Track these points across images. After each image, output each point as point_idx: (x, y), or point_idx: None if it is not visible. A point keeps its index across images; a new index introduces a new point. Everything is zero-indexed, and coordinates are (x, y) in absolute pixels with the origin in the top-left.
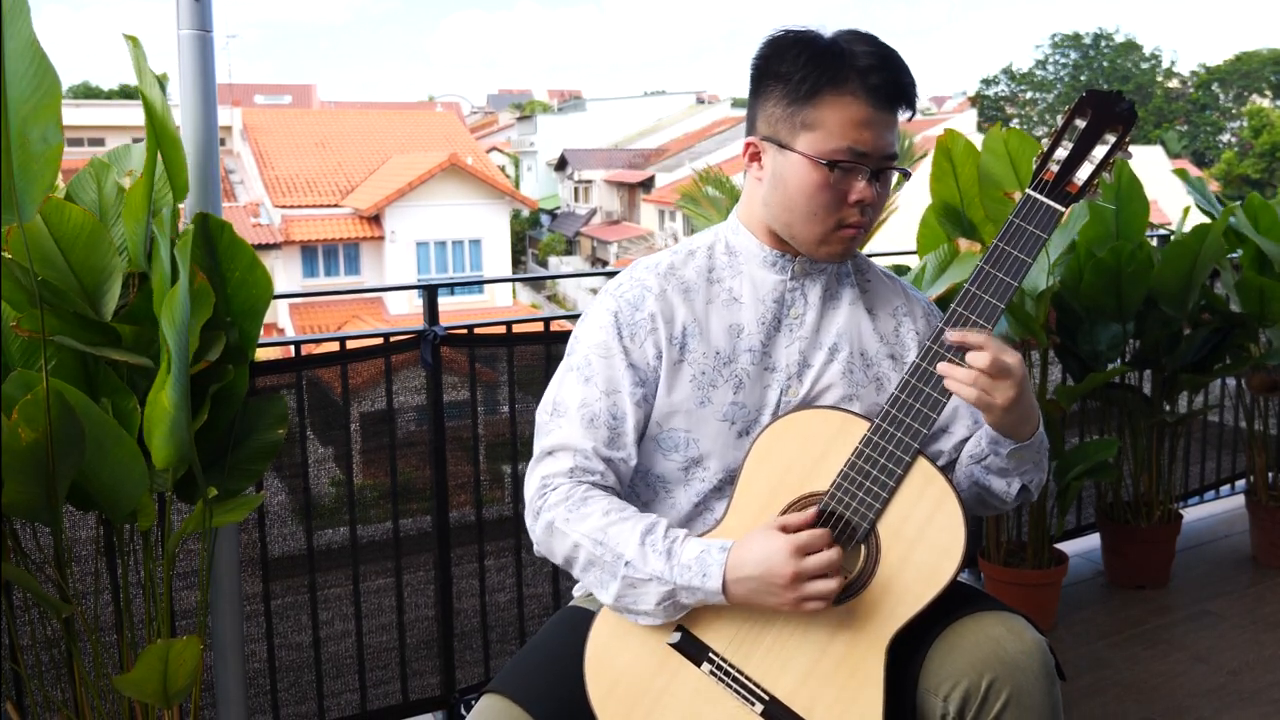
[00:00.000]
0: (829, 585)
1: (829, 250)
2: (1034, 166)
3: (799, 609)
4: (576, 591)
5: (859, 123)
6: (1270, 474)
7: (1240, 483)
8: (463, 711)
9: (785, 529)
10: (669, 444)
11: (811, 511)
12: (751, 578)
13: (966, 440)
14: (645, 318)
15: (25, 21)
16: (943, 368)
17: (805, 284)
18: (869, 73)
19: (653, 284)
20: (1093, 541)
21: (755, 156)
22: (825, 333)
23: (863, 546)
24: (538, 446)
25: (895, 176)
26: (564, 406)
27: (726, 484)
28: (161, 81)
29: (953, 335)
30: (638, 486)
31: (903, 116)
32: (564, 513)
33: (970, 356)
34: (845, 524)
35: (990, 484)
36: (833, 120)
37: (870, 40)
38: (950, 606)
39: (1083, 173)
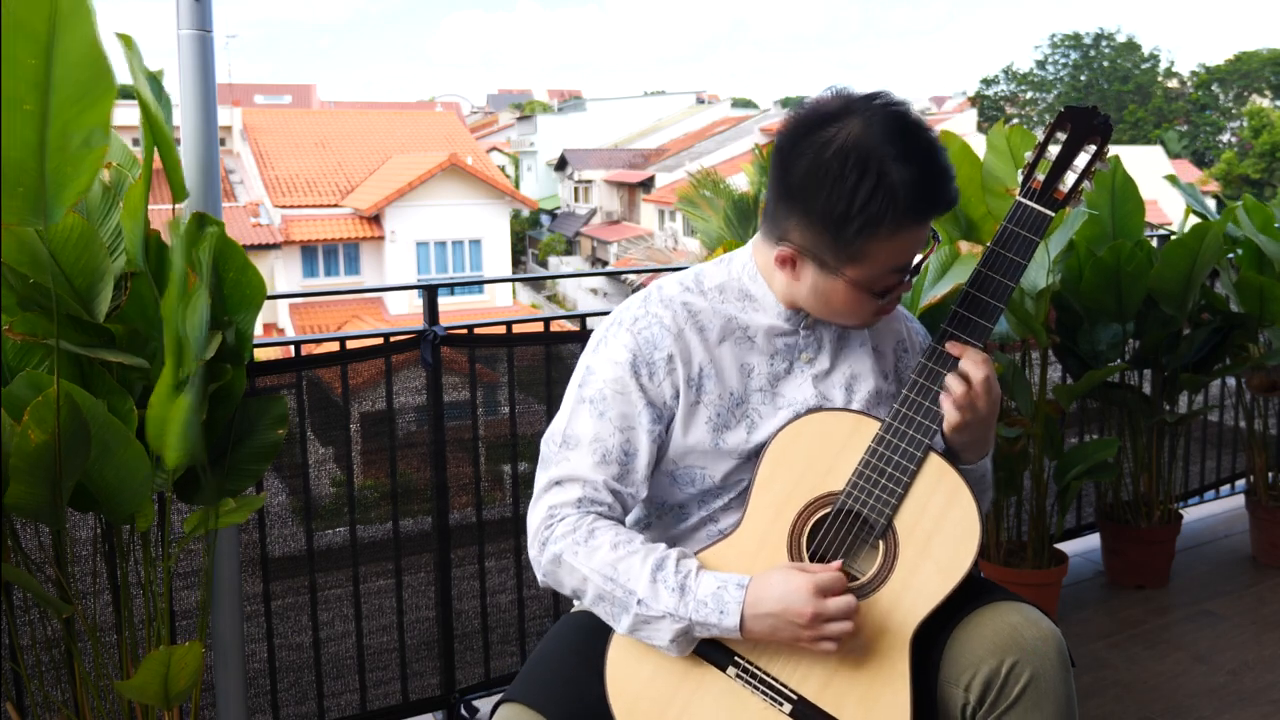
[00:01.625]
0: (845, 627)
1: (860, 325)
2: (1020, 176)
3: (813, 647)
4: (577, 602)
5: (906, 248)
6: (1270, 474)
7: (1240, 483)
8: (463, 712)
9: (805, 571)
10: (685, 479)
11: (836, 564)
12: (771, 614)
13: None
14: (663, 358)
15: (86, 24)
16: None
17: (818, 328)
18: (922, 210)
19: (670, 322)
20: (1093, 541)
21: (789, 262)
22: (839, 372)
23: (880, 543)
24: (544, 477)
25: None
26: (575, 439)
27: (736, 502)
28: (157, 78)
29: (954, 349)
30: (650, 511)
31: None
32: (571, 545)
33: (966, 366)
34: (862, 521)
35: None
36: (881, 254)
37: (919, 152)
38: (965, 599)
39: (1067, 181)
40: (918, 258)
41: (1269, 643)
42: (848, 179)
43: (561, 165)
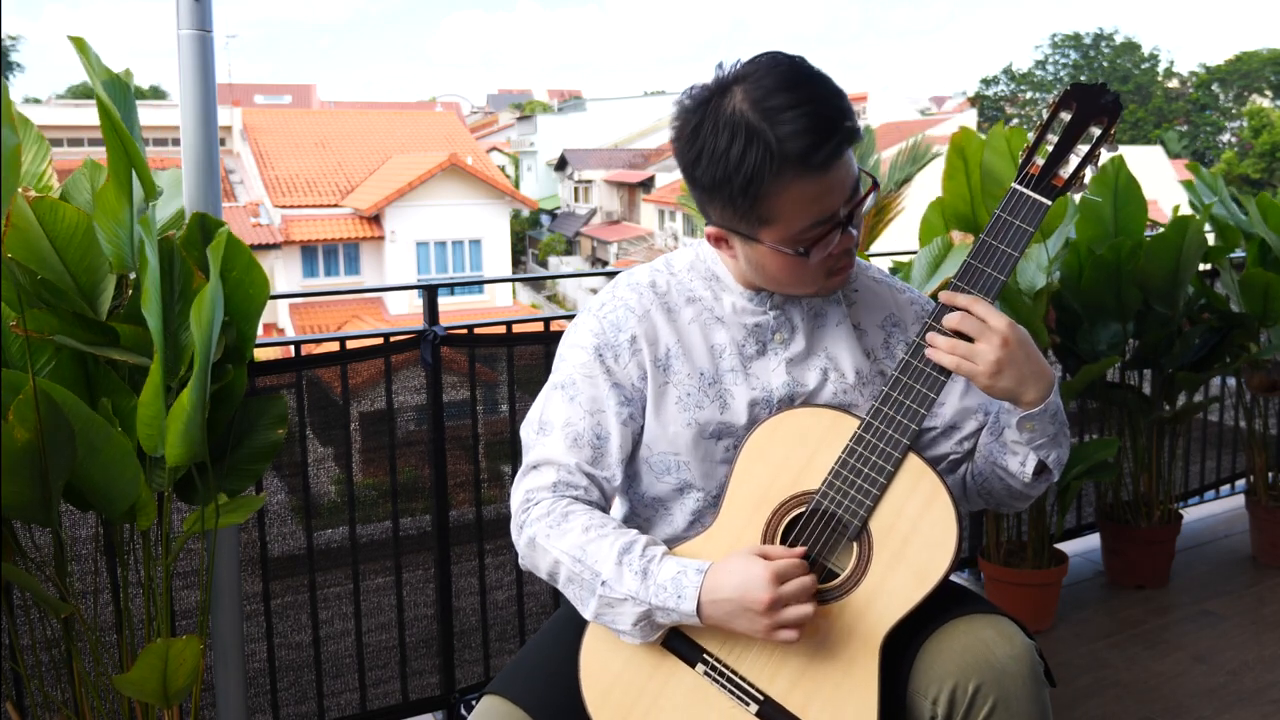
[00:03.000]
0: (804, 610)
1: (826, 290)
2: (1019, 161)
3: (771, 637)
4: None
5: (814, 196)
6: (1270, 474)
7: (1240, 483)
8: (463, 711)
9: (766, 556)
10: (660, 467)
11: (798, 550)
12: (729, 600)
13: (975, 435)
14: (627, 340)
15: None
16: (930, 336)
17: (787, 308)
18: (803, 149)
19: (635, 304)
20: (1093, 541)
21: (721, 240)
22: (814, 355)
23: (855, 544)
24: (524, 461)
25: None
26: (549, 425)
27: (720, 499)
28: (125, 79)
29: (944, 295)
30: (637, 507)
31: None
32: (545, 528)
33: (946, 319)
34: (837, 521)
35: (1006, 462)
36: (787, 208)
37: (786, 86)
38: (941, 607)
39: (1069, 166)
40: (852, 205)
41: (1269, 643)
42: (720, 144)
43: (561, 165)
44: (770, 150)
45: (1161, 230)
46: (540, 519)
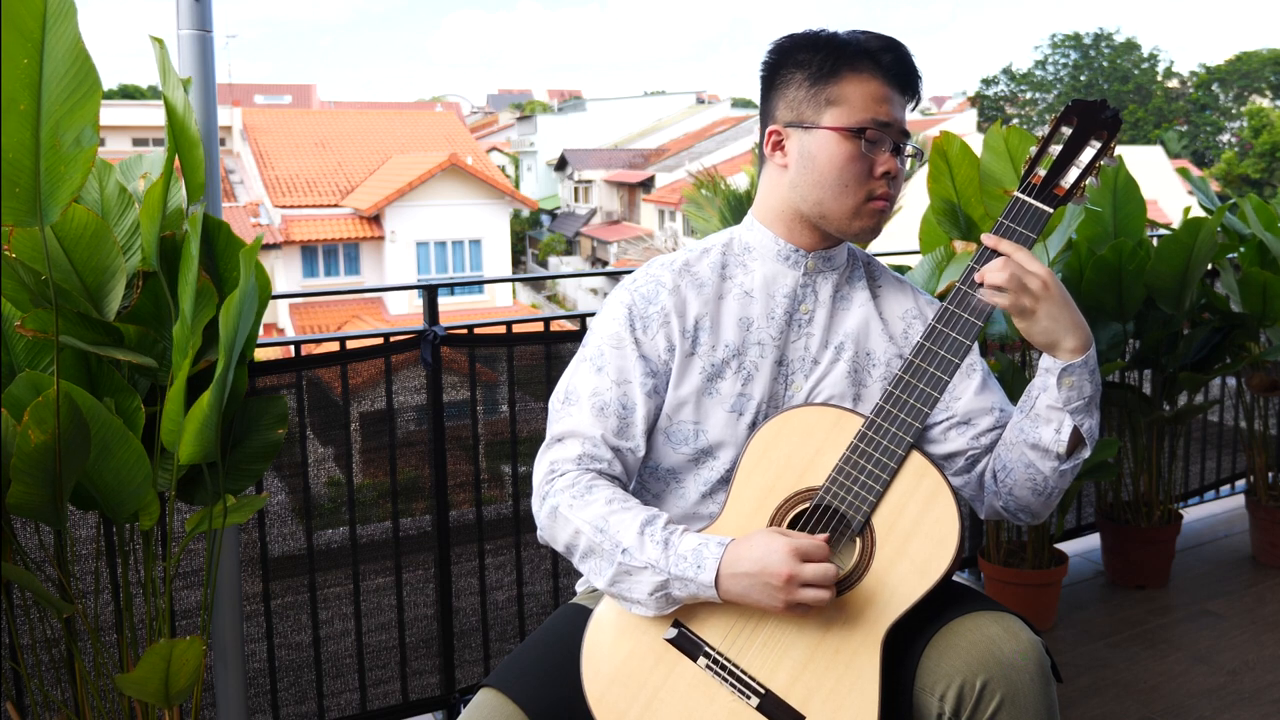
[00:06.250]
0: (821, 595)
1: (861, 224)
2: (1022, 171)
3: (787, 611)
4: (579, 587)
5: (879, 98)
6: (1270, 474)
7: (1240, 483)
8: (463, 710)
9: (787, 535)
10: (678, 437)
11: (822, 536)
12: (747, 574)
13: (992, 432)
14: (658, 311)
15: (71, 23)
16: (977, 274)
17: (817, 281)
18: (881, 53)
19: (667, 279)
20: (1093, 541)
21: (778, 145)
22: (834, 332)
23: (857, 540)
24: (549, 433)
25: (910, 162)
26: (576, 395)
27: (729, 486)
28: (185, 85)
29: (987, 238)
30: (648, 480)
31: (910, 106)
32: (568, 499)
33: (987, 265)
34: (840, 518)
35: (1040, 436)
36: (855, 95)
37: (875, 33)
38: (946, 605)
39: (1069, 177)
40: (902, 162)
41: (1269, 643)
42: (817, 38)
43: (561, 165)
44: (857, 45)
45: (1171, 232)
46: (564, 490)
